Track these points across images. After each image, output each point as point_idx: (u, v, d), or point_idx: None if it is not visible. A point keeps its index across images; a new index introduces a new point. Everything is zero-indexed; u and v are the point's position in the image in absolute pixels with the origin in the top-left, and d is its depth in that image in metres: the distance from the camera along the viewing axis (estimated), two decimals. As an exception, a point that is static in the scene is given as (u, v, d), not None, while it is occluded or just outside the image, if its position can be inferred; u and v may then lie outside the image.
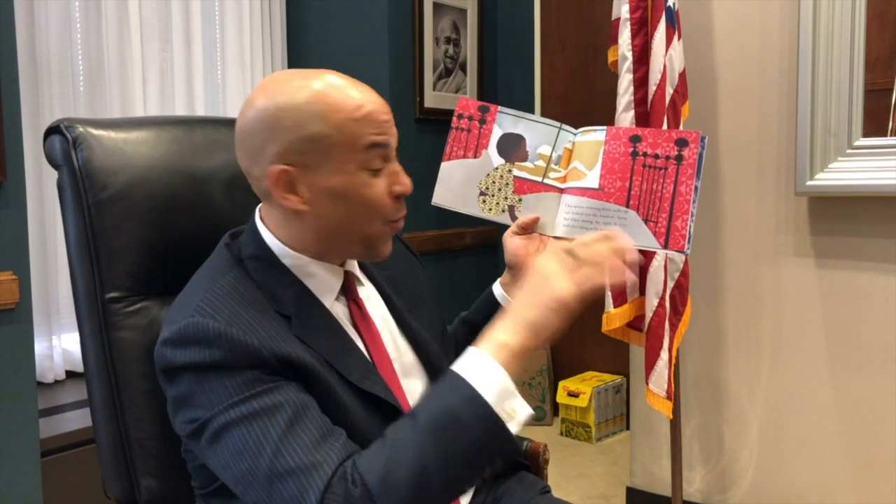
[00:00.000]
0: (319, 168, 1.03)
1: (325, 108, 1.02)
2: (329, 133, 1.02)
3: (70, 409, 2.28)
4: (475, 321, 1.34)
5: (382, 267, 1.23)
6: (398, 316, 1.20)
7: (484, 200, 1.29)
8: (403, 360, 1.17)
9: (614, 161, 1.24)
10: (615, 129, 1.26)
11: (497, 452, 0.93)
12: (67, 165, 1.19)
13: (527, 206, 1.27)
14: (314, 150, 1.02)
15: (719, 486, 2.49)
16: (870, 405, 2.20)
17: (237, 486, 0.96)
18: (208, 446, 0.97)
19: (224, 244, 1.12)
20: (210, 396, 0.96)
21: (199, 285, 1.05)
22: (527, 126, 1.28)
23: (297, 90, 1.03)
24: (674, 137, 1.22)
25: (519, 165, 1.27)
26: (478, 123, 1.30)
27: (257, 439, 0.93)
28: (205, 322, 0.97)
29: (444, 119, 3.21)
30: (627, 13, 2.17)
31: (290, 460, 0.92)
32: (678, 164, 1.22)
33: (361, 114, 1.03)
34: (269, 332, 0.99)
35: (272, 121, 1.03)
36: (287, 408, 0.95)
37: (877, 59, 2.10)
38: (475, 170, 1.29)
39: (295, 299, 1.06)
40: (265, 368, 0.97)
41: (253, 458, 0.93)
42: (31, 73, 2.36)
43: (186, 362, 0.98)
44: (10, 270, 1.82)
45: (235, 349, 0.96)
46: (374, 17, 2.99)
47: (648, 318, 2.16)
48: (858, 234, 2.19)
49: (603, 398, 3.29)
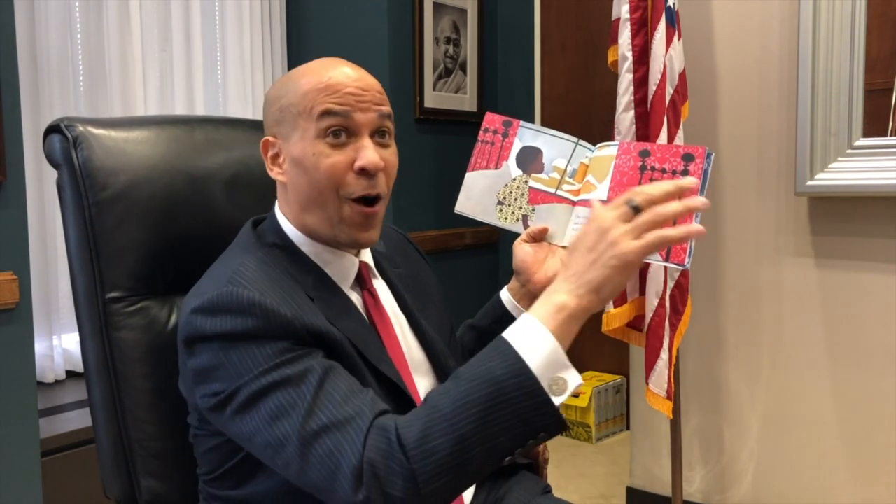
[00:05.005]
0: (289, 137, 1.07)
1: (299, 81, 1.07)
2: (294, 101, 1.06)
3: (70, 409, 2.28)
4: (482, 326, 1.34)
5: (395, 265, 1.25)
6: (409, 313, 1.21)
7: (501, 209, 1.33)
8: (413, 357, 1.17)
9: (623, 174, 1.26)
10: (627, 144, 1.29)
11: (541, 427, 0.89)
12: (67, 165, 1.19)
13: (539, 216, 1.31)
14: (285, 119, 1.07)
15: (719, 486, 2.49)
16: (870, 405, 2.20)
17: (265, 450, 0.95)
18: (236, 415, 0.96)
19: (247, 231, 1.14)
20: (238, 367, 0.96)
21: (230, 261, 1.06)
22: (545, 140, 1.32)
23: (296, 71, 1.10)
24: (681, 153, 1.25)
25: (535, 177, 1.31)
26: (501, 137, 1.35)
27: (290, 403, 0.93)
28: (239, 291, 0.98)
29: (444, 119, 3.21)
30: (627, 13, 2.17)
31: (324, 417, 0.91)
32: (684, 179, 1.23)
33: (324, 83, 1.06)
34: (302, 307, 1.00)
35: (267, 97, 1.12)
36: (317, 370, 0.95)
37: (877, 59, 2.10)
38: (495, 180, 1.33)
39: (315, 283, 1.07)
40: (296, 339, 0.97)
41: (286, 421, 0.92)
42: (31, 72, 2.36)
43: (217, 331, 0.97)
44: (10, 270, 1.82)
45: (269, 319, 0.96)
46: (374, 17, 2.99)
47: (648, 318, 2.16)
48: (858, 234, 2.19)
49: (603, 398, 3.29)
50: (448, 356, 1.21)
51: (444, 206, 3.33)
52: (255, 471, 1.04)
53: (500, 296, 1.33)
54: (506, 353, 0.90)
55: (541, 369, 0.89)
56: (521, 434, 0.89)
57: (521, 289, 1.30)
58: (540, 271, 1.26)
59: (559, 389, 0.89)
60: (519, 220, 1.31)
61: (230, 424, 0.98)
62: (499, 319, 1.31)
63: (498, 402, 0.87)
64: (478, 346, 1.32)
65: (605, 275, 0.91)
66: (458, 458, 0.87)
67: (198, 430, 1.09)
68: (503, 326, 1.32)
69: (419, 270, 1.30)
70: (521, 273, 1.28)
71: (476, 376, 0.90)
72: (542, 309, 0.93)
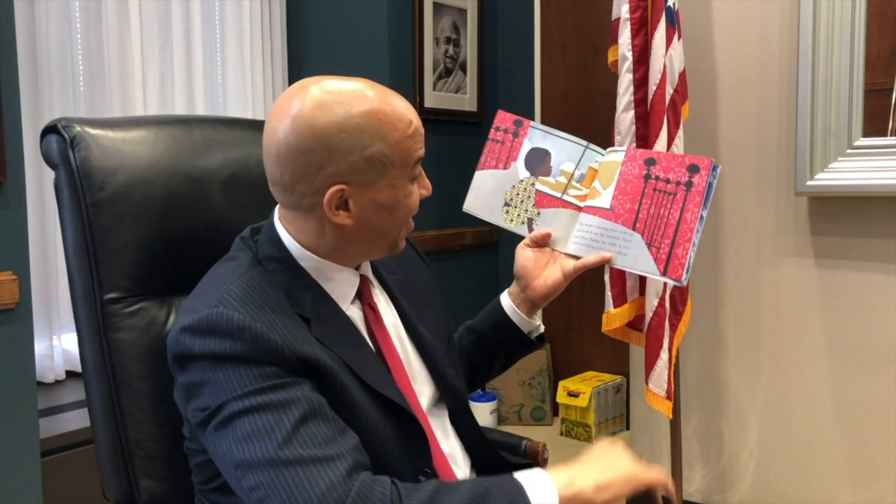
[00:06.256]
0: (374, 185, 1.04)
1: (383, 128, 1.02)
2: (388, 153, 1.03)
3: (70, 409, 2.28)
4: (480, 330, 1.34)
5: (392, 271, 1.23)
6: (406, 321, 1.20)
7: (507, 211, 1.31)
8: (412, 367, 1.17)
9: (628, 182, 1.25)
10: (633, 151, 1.26)
11: None
12: (65, 165, 1.18)
13: (544, 220, 1.28)
14: (373, 168, 1.03)
15: (719, 486, 2.48)
16: (870, 405, 2.20)
17: (234, 471, 0.94)
18: (214, 433, 0.96)
19: (243, 241, 1.12)
20: (223, 385, 0.96)
21: (222, 279, 1.05)
22: (554, 142, 1.29)
23: (351, 106, 1.02)
24: (687, 163, 1.23)
25: (542, 180, 1.29)
26: (511, 136, 1.32)
27: (267, 428, 0.93)
28: (229, 314, 0.97)
29: (444, 119, 3.21)
30: (627, 13, 2.17)
31: (302, 450, 0.91)
32: (687, 191, 1.22)
33: (412, 130, 1.05)
34: (291, 332, 0.99)
35: (332, 141, 1.01)
36: (302, 403, 0.95)
37: (877, 59, 2.10)
38: (503, 181, 1.31)
39: (313, 302, 1.06)
40: (284, 366, 0.97)
41: (259, 444, 0.92)
42: (31, 73, 2.36)
43: (205, 351, 0.97)
44: (10, 270, 1.82)
45: (258, 344, 0.96)
46: (374, 17, 2.99)
47: (648, 318, 2.15)
48: (858, 234, 2.18)
49: (603, 398, 3.29)
50: (446, 363, 1.21)
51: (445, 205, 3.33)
52: None
53: (500, 300, 1.32)
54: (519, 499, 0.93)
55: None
56: None
57: (521, 294, 1.29)
58: (539, 278, 1.25)
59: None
60: (524, 222, 1.29)
61: (208, 441, 0.98)
62: (498, 324, 1.31)
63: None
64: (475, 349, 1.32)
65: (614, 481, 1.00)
66: None
67: (190, 442, 1.09)
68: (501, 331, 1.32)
69: (417, 273, 1.29)
70: (521, 278, 1.28)
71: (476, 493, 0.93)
72: (558, 477, 0.97)
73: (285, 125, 1.02)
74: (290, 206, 1.07)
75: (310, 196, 1.03)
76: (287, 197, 1.06)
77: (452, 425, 1.20)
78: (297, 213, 1.07)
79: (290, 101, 1.03)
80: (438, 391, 1.19)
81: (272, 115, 1.05)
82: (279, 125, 1.02)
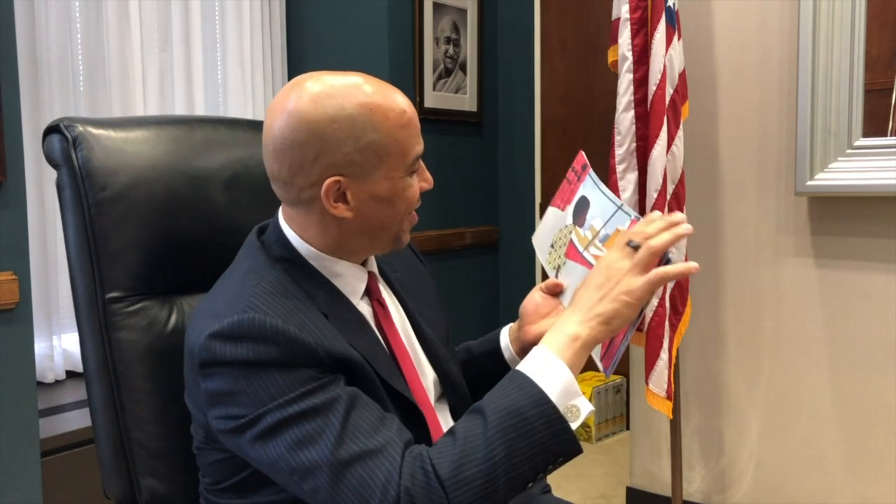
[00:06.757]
0: (370, 177, 1.04)
1: (375, 118, 1.02)
2: (382, 142, 1.03)
3: (70, 409, 2.28)
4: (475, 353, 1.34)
5: (393, 269, 1.24)
6: (412, 318, 1.21)
7: (550, 252, 1.29)
8: (419, 361, 1.18)
9: None
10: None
11: (560, 453, 0.96)
12: (67, 165, 1.18)
13: (566, 271, 1.25)
14: (368, 160, 1.03)
15: (719, 486, 2.49)
16: (870, 405, 2.20)
17: (291, 477, 0.95)
18: (256, 441, 0.96)
19: (258, 241, 1.12)
20: (261, 394, 0.95)
21: (244, 281, 1.04)
22: (596, 196, 1.23)
23: (343, 98, 1.02)
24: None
25: (576, 230, 1.25)
26: (577, 179, 1.29)
27: (317, 431, 0.93)
28: (261, 318, 0.97)
29: (443, 119, 3.21)
30: (627, 13, 2.17)
31: (355, 446, 0.93)
32: None
33: (405, 120, 1.05)
34: (321, 330, 1.00)
35: (326, 132, 1.01)
36: (343, 398, 0.96)
37: (877, 59, 2.10)
38: (557, 221, 1.29)
39: (327, 299, 1.07)
40: (319, 366, 0.97)
41: (314, 448, 0.93)
42: (31, 73, 2.36)
43: (237, 358, 0.96)
44: (10, 270, 1.82)
45: (293, 347, 0.96)
46: (374, 17, 2.99)
47: (648, 318, 2.16)
48: (858, 234, 2.19)
49: (603, 398, 3.29)
50: (449, 359, 1.22)
51: (445, 205, 3.34)
52: (262, 485, 1.04)
53: (500, 332, 1.32)
54: (526, 386, 0.96)
55: (558, 398, 0.95)
56: (541, 462, 0.95)
57: (517, 332, 1.29)
58: (535, 324, 1.23)
59: (573, 416, 0.96)
60: (556, 268, 1.27)
61: (249, 449, 0.97)
62: (489, 354, 1.31)
63: (523, 432, 0.93)
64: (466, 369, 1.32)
65: (614, 308, 1.00)
66: (489, 487, 0.92)
67: (202, 444, 1.08)
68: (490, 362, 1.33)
69: (417, 273, 1.30)
70: (521, 318, 1.28)
71: (500, 408, 0.95)
72: (554, 340, 1.00)
73: (281, 120, 1.03)
74: (292, 201, 1.07)
75: (308, 189, 1.04)
76: (287, 192, 1.07)
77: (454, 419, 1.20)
78: (298, 209, 1.07)
79: (286, 96, 1.04)
80: (441, 386, 1.20)
81: (270, 111, 1.06)
82: (275, 121, 1.03)
